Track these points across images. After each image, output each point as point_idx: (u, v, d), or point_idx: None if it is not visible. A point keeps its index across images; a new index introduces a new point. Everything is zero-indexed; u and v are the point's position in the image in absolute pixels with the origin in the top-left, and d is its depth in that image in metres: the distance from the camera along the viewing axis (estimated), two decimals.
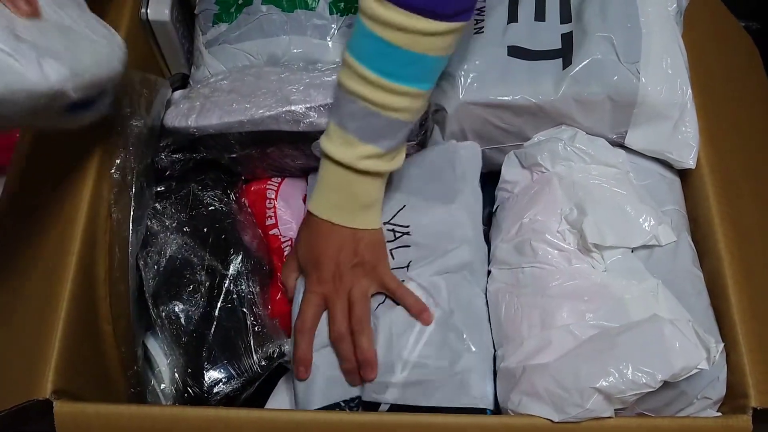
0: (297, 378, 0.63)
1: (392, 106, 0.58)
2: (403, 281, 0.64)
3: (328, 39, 0.74)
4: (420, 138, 0.72)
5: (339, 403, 0.62)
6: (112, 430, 0.55)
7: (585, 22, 0.70)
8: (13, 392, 0.54)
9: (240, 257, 0.69)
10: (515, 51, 0.70)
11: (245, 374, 0.65)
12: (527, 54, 0.70)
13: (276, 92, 0.68)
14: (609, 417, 0.54)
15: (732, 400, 0.58)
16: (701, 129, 0.68)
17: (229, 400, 0.65)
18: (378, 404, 0.60)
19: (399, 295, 0.62)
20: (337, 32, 0.74)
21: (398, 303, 0.63)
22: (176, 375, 0.65)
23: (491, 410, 0.60)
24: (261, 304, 0.69)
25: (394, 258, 0.66)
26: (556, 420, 0.54)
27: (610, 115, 0.68)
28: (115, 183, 0.64)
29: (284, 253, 0.73)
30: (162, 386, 0.66)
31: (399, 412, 0.60)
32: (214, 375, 0.65)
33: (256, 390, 0.67)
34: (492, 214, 0.73)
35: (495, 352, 0.63)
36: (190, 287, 0.67)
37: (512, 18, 0.73)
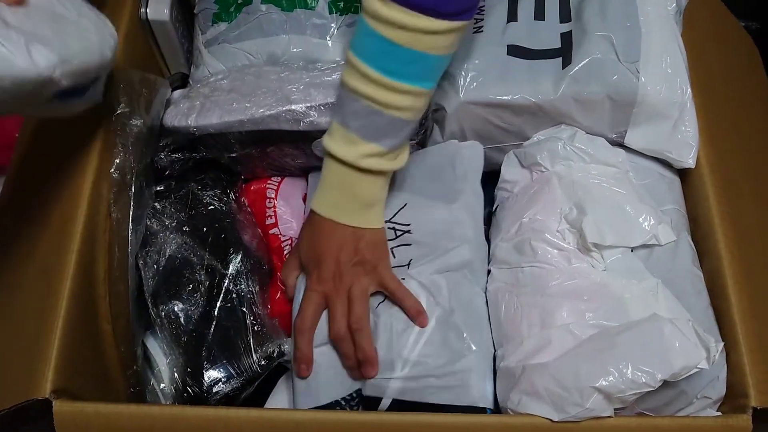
0: (298, 375, 0.63)
1: (394, 105, 0.59)
2: (404, 279, 0.63)
3: (328, 38, 0.73)
4: (420, 137, 0.72)
5: (339, 401, 0.62)
6: (112, 430, 0.55)
7: (584, 22, 0.70)
8: (13, 392, 0.54)
9: (239, 257, 0.69)
10: (515, 50, 0.70)
11: (245, 374, 0.65)
12: (527, 53, 0.70)
13: (276, 91, 0.68)
14: (609, 416, 0.54)
15: (732, 400, 0.58)
16: (701, 128, 0.68)
17: (229, 400, 0.65)
18: (379, 400, 0.60)
19: (398, 296, 0.62)
20: (337, 31, 0.74)
21: (396, 303, 0.63)
22: (176, 374, 0.65)
23: (491, 409, 0.60)
24: (260, 304, 0.69)
25: (395, 256, 0.66)
26: (556, 419, 0.54)
27: (610, 115, 0.68)
28: (115, 182, 0.64)
29: (284, 253, 0.73)
30: (161, 386, 0.66)
31: (399, 412, 0.60)
32: (214, 374, 0.65)
33: (256, 389, 0.67)
34: (491, 214, 0.73)
35: (495, 352, 0.63)
36: (190, 287, 0.67)
37: (512, 17, 0.72)
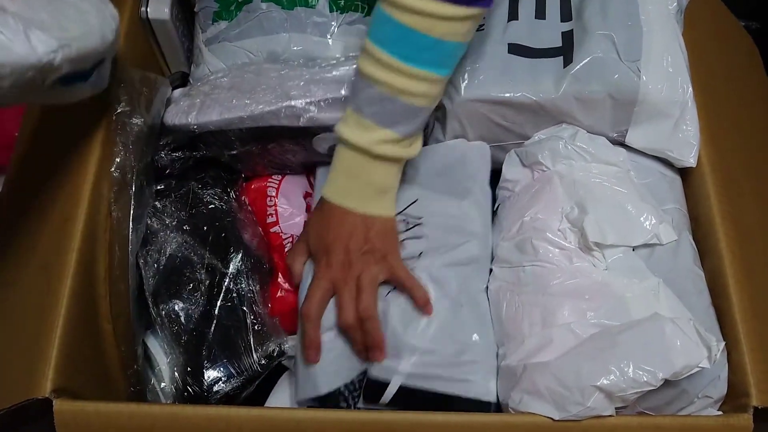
0: (308, 361, 0.62)
1: (410, 91, 0.59)
2: (413, 270, 0.63)
3: (328, 36, 0.73)
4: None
5: (340, 389, 0.61)
6: (112, 429, 0.55)
7: (585, 21, 0.70)
8: (13, 391, 0.54)
9: (240, 255, 0.69)
10: (516, 48, 0.70)
11: (245, 373, 0.65)
12: (528, 52, 0.70)
13: (276, 88, 0.67)
14: (610, 415, 0.54)
15: (733, 399, 0.58)
16: (702, 128, 0.68)
17: (229, 399, 0.65)
18: (385, 385, 0.60)
19: (408, 286, 0.62)
20: (337, 30, 0.74)
21: (405, 293, 0.62)
22: (176, 374, 0.65)
23: (495, 403, 0.60)
24: (261, 303, 0.69)
25: (406, 248, 0.65)
26: (557, 418, 0.54)
27: (611, 114, 0.68)
28: (115, 181, 0.64)
29: (285, 250, 0.73)
30: (162, 385, 0.66)
31: (399, 411, 0.60)
32: (214, 374, 0.65)
33: (257, 388, 0.68)
34: (493, 213, 0.73)
35: (497, 350, 0.63)
36: (190, 286, 0.67)
37: (513, 16, 0.72)
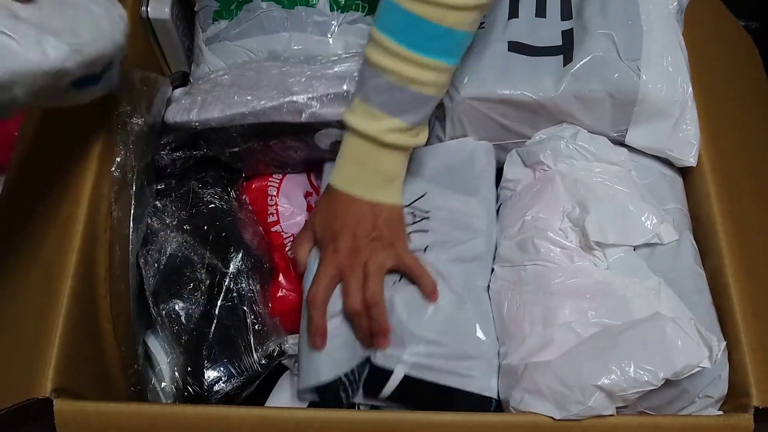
0: (313, 347, 0.62)
1: (418, 80, 0.59)
2: None
3: (329, 36, 0.73)
4: None
5: (341, 377, 0.61)
6: (113, 429, 0.55)
7: (586, 19, 0.70)
8: (13, 391, 0.54)
9: (240, 255, 0.69)
10: (516, 46, 0.70)
11: (245, 373, 0.65)
12: (528, 50, 0.70)
13: (278, 84, 0.67)
14: (611, 415, 0.54)
15: (734, 399, 0.58)
16: (702, 127, 0.68)
17: (230, 399, 0.65)
18: (389, 373, 0.60)
19: (416, 273, 0.62)
20: (338, 29, 0.73)
21: (413, 280, 0.62)
22: (176, 373, 0.65)
23: (496, 400, 0.60)
24: (261, 303, 0.69)
25: (412, 241, 0.65)
26: (558, 417, 0.54)
27: (611, 113, 0.68)
28: (116, 181, 0.64)
29: (286, 250, 0.73)
30: (162, 385, 0.66)
31: (399, 411, 0.60)
32: (214, 373, 0.65)
33: (257, 388, 0.67)
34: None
35: (498, 348, 0.63)
36: (191, 285, 0.67)
37: (513, 14, 0.72)
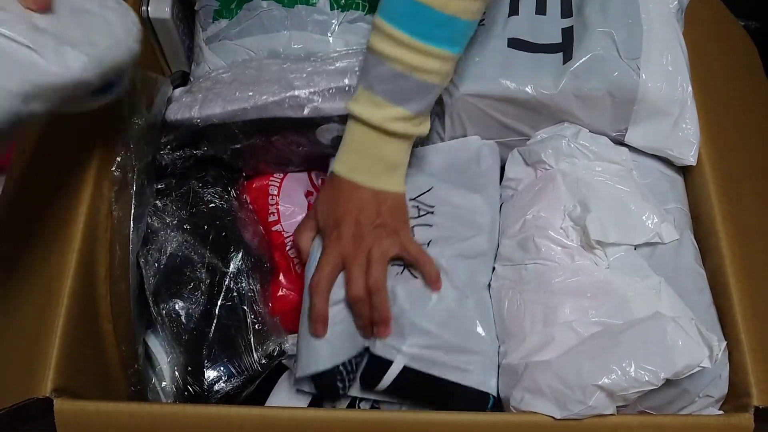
0: (315, 334, 0.61)
1: (422, 68, 0.59)
2: None
3: (329, 35, 0.73)
4: None
5: (338, 367, 0.61)
6: (113, 428, 0.55)
7: (586, 17, 0.70)
8: (13, 390, 0.54)
9: (240, 255, 0.69)
10: (516, 43, 0.70)
11: (245, 372, 0.65)
12: (528, 46, 0.70)
13: (279, 79, 0.67)
14: (611, 414, 0.54)
15: (734, 399, 0.58)
16: (702, 127, 0.68)
17: (230, 399, 0.65)
18: (389, 363, 0.60)
19: (420, 261, 0.62)
20: (338, 28, 0.73)
21: (416, 269, 0.62)
22: (176, 373, 0.65)
23: (494, 397, 0.60)
24: (261, 302, 0.69)
25: (415, 234, 0.65)
26: (558, 417, 0.54)
27: (611, 112, 0.68)
28: (116, 181, 0.64)
29: (286, 249, 0.73)
30: (162, 384, 0.66)
31: (399, 411, 0.60)
32: (214, 373, 0.65)
33: (257, 388, 0.67)
34: None
35: (498, 346, 0.63)
36: (191, 285, 0.67)
37: (513, 11, 0.72)
